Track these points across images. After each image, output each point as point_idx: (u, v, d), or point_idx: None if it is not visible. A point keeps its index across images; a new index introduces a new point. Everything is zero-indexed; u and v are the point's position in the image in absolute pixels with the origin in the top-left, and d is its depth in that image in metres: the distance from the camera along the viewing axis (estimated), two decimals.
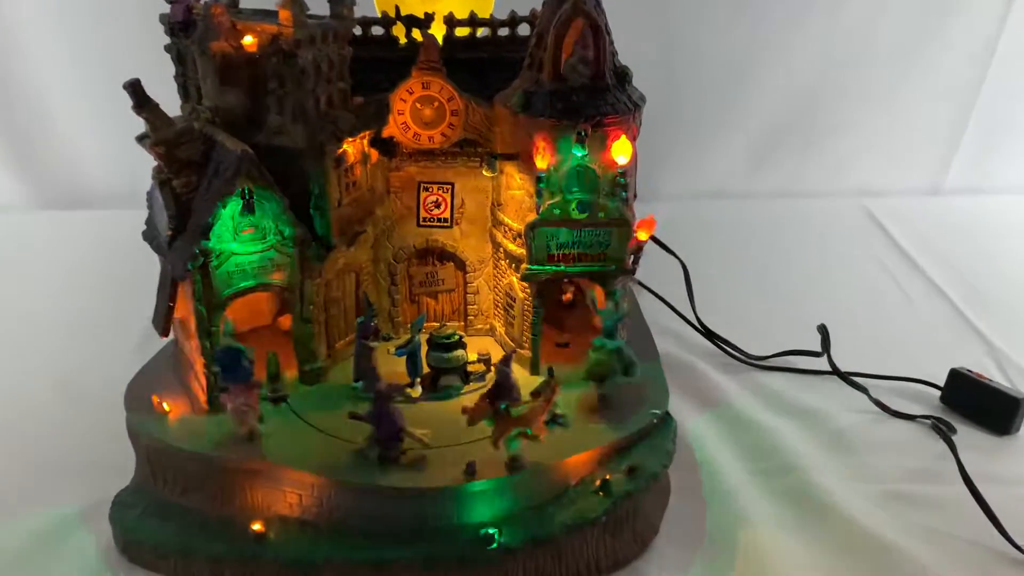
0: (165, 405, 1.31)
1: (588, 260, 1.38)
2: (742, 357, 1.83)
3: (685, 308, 1.88)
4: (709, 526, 1.33)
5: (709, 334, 1.87)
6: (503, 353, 1.30)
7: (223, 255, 1.23)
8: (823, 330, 1.75)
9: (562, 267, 1.39)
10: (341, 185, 1.34)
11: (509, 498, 1.21)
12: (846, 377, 1.72)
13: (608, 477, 1.26)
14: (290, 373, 1.38)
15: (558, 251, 1.37)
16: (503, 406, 1.19)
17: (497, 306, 1.54)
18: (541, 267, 1.39)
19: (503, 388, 1.20)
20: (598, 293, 1.42)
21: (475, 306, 1.58)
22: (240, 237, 1.24)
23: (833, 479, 1.42)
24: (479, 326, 1.59)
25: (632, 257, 1.37)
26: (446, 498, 1.19)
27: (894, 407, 1.64)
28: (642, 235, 1.34)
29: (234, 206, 1.21)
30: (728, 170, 2.66)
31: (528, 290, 1.42)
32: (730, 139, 2.60)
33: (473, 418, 1.21)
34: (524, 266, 1.39)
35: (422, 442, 1.22)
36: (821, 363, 1.75)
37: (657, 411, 1.37)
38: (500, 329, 1.55)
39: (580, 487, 1.26)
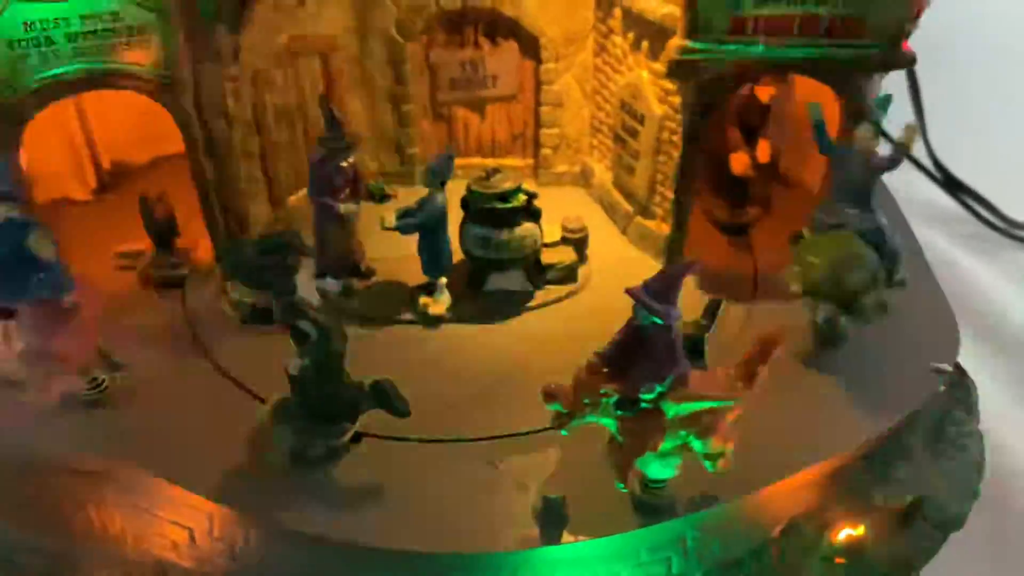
0: None
1: (825, 33, 0.90)
2: (1004, 227, 1.43)
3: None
4: None
5: (952, 184, 1.46)
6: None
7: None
8: None
9: (760, 46, 0.90)
10: None
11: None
12: None
13: (857, 525, 0.81)
14: (202, 253, 1.05)
15: (757, 8, 0.90)
16: (649, 393, 0.67)
17: (599, 130, 1.15)
18: (716, 46, 0.91)
19: (650, 348, 0.67)
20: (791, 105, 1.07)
21: (555, 130, 1.20)
22: None
23: None
24: (560, 169, 1.21)
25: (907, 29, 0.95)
26: (494, 573, 0.77)
27: None
28: None
29: None
30: None
31: (673, 98, 0.97)
32: None
33: (564, 415, 0.70)
34: (677, 42, 0.92)
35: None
36: None
37: (943, 365, 0.94)
38: (603, 175, 1.15)
39: (792, 545, 0.82)
